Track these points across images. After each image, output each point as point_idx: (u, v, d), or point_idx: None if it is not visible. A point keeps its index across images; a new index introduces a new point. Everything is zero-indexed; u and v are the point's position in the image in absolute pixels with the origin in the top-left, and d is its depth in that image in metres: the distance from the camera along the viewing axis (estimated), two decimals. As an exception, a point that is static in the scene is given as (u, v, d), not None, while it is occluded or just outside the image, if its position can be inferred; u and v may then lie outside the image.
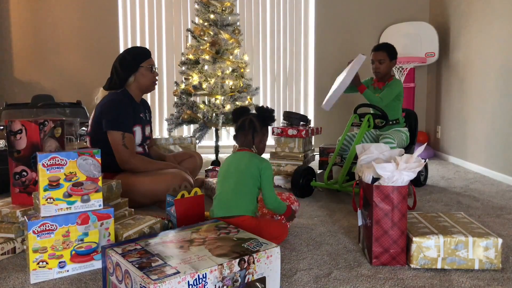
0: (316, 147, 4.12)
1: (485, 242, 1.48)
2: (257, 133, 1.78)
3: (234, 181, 1.70)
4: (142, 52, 2.46)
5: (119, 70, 2.40)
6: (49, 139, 1.83)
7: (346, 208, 2.39)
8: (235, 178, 1.70)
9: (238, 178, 1.70)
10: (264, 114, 1.81)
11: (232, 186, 1.69)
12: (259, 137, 1.79)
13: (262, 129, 1.79)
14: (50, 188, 1.46)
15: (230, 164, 1.76)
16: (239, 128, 1.80)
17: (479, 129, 3.65)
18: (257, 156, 1.77)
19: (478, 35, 3.69)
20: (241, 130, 1.79)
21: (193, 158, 2.80)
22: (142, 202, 2.36)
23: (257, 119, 1.79)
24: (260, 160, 1.73)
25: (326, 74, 5.12)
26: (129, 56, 2.42)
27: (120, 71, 2.40)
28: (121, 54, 2.46)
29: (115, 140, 2.29)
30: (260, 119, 1.79)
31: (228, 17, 3.95)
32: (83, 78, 5.05)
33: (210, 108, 3.86)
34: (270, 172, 1.71)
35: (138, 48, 2.50)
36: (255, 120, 1.78)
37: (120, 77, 2.41)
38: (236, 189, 1.69)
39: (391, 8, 4.99)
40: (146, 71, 2.44)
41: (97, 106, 2.40)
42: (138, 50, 2.47)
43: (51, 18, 5.01)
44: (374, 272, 1.50)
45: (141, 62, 2.43)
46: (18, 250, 1.71)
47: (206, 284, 1.13)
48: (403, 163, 1.54)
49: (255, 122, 1.78)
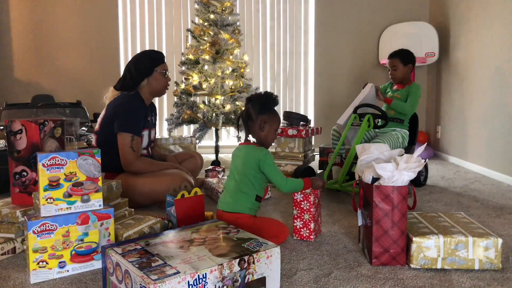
0: (316, 147, 4.13)
1: (485, 242, 1.48)
2: (252, 122, 1.74)
3: (236, 179, 1.74)
4: (158, 56, 2.46)
5: (133, 72, 2.40)
6: (49, 139, 1.83)
7: (346, 208, 2.39)
8: (237, 176, 1.74)
9: (239, 176, 1.73)
10: (259, 100, 1.73)
11: (234, 184, 1.75)
12: (257, 125, 1.74)
13: (259, 116, 1.72)
14: (50, 188, 1.46)
15: (234, 159, 1.79)
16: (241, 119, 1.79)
17: (479, 129, 3.65)
18: (253, 149, 1.72)
19: (478, 35, 3.69)
20: (242, 121, 1.78)
21: (193, 158, 2.80)
22: (142, 202, 2.36)
23: (252, 107, 1.72)
24: (257, 153, 1.70)
25: (326, 74, 5.12)
26: (145, 59, 2.42)
27: (135, 73, 2.40)
28: (136, 56, 2.45)
29: (124, 142, 2.30)
30: (256, 106, 1.73)
31: (228, 17, 3.95)
32: (83, 78, 5.05)
33: (210, 108, 3.86)
34: (270, 161, 1.70)
35: (154, 51, 2.49)
36: (251, 108, 1.72)
37: (134, 79, 2.40)
38: (237, 187, 1.73)
39: (391, 8, 4.99)
40: (159, 76, 2.44)
41: (109, 107, 2.40)
42: (154, 53, 2.47)
43: (51, 18, 5.01)
44: (374, 272, 1.50)
45: (155, 66, 2.43)
46: (18, 250, 1.71)
47: (206, 284, 1.13)
48: (403, 163, 1.54)
49: (249, 110, 1.73)
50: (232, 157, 1.82)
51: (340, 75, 5.14)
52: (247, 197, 1.72)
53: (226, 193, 1.78)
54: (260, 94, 1.75)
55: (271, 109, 1.76)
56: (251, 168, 1.71)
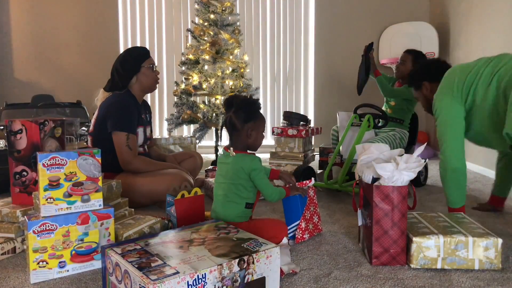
0: (316, 147, 4.12)
1: (485, 242, 1.48)
2: (237, 131, 1.66)
3: (223, 188, 1.68)
4: (142, 52, 2.46)
5: (120, 71, 2.40)
6: (49, 139, 1.83)
7: (346, 208, 2.39)
8: (224, 185, 1.68)
9: (226, 185, 1.67)
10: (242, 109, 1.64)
11: (222, 193, 1.68)
12: (244, 134, 1.66)
13: (245, 125, 1.64)
14: (50, 188, 1.46)
15: (220, 167, 1.73)
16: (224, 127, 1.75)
17: (479, 129, 3.65)
18: (242, 157, 1.66)
19: (478, 35, 3.69)
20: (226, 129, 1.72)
21: (193, 158, 2.80)
22: (142, 202, 2.36)
23: (236, 117, 1.63)
24: (248, 163, 1.64)
25: (326, 74, 5.12)
26: (130, 57, 2.42)
27: (122, 72, 2.39)
28: (121, 56, 2.45)
29: (120, 141, 2.30)
30: (241, 115, 1.64)
31: (228, 17, 3.95)
32: (83, 78, 5.05)
33: (210, 108, 3.86)
34: (261, 174, 1.65)
35: (138, 48, 2.49)
36: (234, 119, 1.63)
37: (122, 79, 2.40)
38: (225, 196, 1.67)
39: (391, 8, 4.99)
40: (147, 71, 2.44)
41: (101, 107, 2.40)
42: (138, 50, 2.47)
43: (51, 18, 5.01)
44: (374, 272, 1.50)
45: (142, 62, 2.42)
46: (18, 250, 1.71)
47: (206, 284, 1.13)
48: (403, 163, 1.54)
49: (233, 121, 1.64)
50: (218, 164, 1.74)
51: (340, 75, 5.13)
52: (236, 206, 1.66)
53: (216, 202, 1.71)
54: (242, 102, 1.65)
55: (255, 115, 1.67)
56: (241, 178, 1.65)
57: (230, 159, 1.68)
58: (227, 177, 1.67)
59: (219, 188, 1.71)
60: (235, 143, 1.70)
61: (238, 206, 1.67)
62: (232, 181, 1.66)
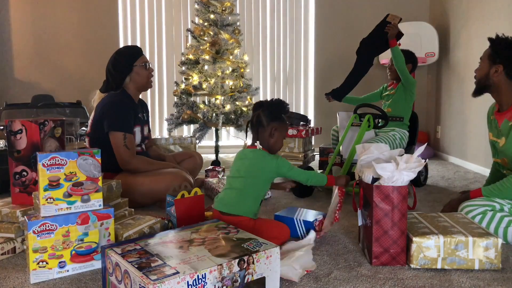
0: (316, 147, 4.12)
1: (485, 242, 1.48)
2: (263, 128, 1.75)
3: (241, 182, 1.72)
4: (134, 51, 2.44)
5: (113, 73, 2.39)
6: (49, 139, 1.83)
7: (346, 208, 2.39)
8: (241, 179, 1.72)
9: (245, 179, 1.71)
10: (271, 108, 1.75)
11: (239, 187, 1.72)
12: (268, 132, 1.74)
13: (271, 123, 1.73)
14: (50, 188, 1.46)
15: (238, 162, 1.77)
16: (250, 124, 1.80)
17: (479, 129, 3.65)
18: (263, 155, 1.73)
19: (478, 35, 3.69)
20: (251, 127, 1.80)
21: (193, 158, 2.80)
22: (142, 202, 2.36)
23: (263, 114, 1.74)
24: (271, 161, 1.71)
25: (326, 74, 5.12)
26: (121, 58, 2.40)
27: (115, 73, 2.38)
28: (112, 56, 2.43)
29: (117, 141, 2.29)
30: (267, 113, 1.74)
31: (228, 17, 3.95)
32: (83, 78, 5.04)
33: (210, 108, 3.86)
34: (288, 165, 1.73)
35: (129, 48, 2.47)
36: (262, 115, 1.74)
37: (116, 80, 2.40)
38: (243, 190, 1.71)
39: (391, 8, 4.98)
40: (140, 70, 2.43)
41: (98, 107, 2.40)
42: (129, 50, 2.45)
43: (51, 18, 5.00)
44: (374, 272, 1.50)
45: (134, 62, 2.41)
46: (18, 250, 1.71)
47: (206, 284, 1.13)
48: (403, 163, 1.54)
49: (261, 117, 1.74)
50: (236, 159, 1.79)
51: (340, 75, 5.11)
52: (253, 201, 1.72)
53: (227, 195, 1.74)
54: (272, 102, 1.76)
55: (282, 117, 1.77)
56: (264, 174, 1.71)
57: (250, 155, 1.74)
58: (247, 172, 1.71)
59: (235, 182, 1.73)
60: (259, 140, 1.78)
61: (255, 201, 1.73)
62: (254, 177, 1.71)
